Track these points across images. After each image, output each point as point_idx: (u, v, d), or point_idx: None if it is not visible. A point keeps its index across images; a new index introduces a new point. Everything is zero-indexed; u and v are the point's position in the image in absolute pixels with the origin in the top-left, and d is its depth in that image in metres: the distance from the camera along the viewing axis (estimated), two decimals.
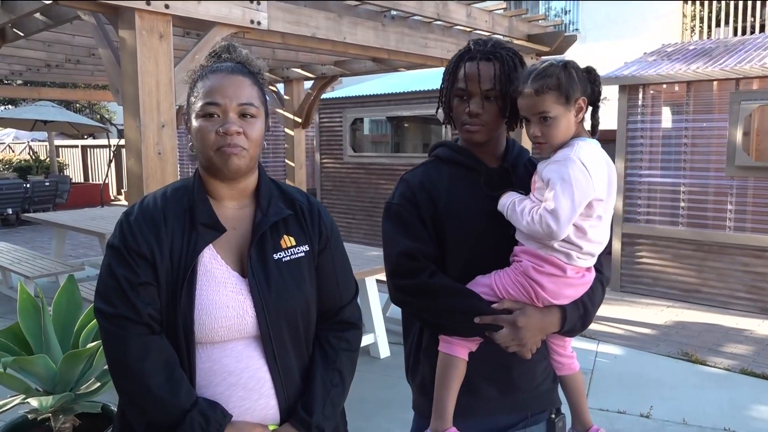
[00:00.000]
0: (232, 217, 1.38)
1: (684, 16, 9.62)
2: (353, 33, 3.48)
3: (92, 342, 2.46)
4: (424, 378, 1.62)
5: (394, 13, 4.07)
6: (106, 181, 15.26)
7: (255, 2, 2.96)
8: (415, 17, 4.13)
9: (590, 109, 1.50)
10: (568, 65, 1.44)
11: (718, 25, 9.29)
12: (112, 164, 15.76)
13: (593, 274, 1.53)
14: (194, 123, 1.33)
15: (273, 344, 1.33)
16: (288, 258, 1.38)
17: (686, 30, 9.62)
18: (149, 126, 2.63)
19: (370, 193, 8.73)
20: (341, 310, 1.48)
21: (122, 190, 16.15)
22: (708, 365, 4.36)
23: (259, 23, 2.99)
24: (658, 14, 10.38)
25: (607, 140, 5.94)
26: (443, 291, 1.50)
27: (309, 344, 1.43)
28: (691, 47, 7.23)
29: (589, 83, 1.45)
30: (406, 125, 8.68)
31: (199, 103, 1.31)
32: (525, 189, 1.53)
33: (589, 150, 1.44)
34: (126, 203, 14.67)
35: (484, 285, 1.50)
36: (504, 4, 4.43)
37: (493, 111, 1.52)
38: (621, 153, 6.35)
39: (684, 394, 3.87)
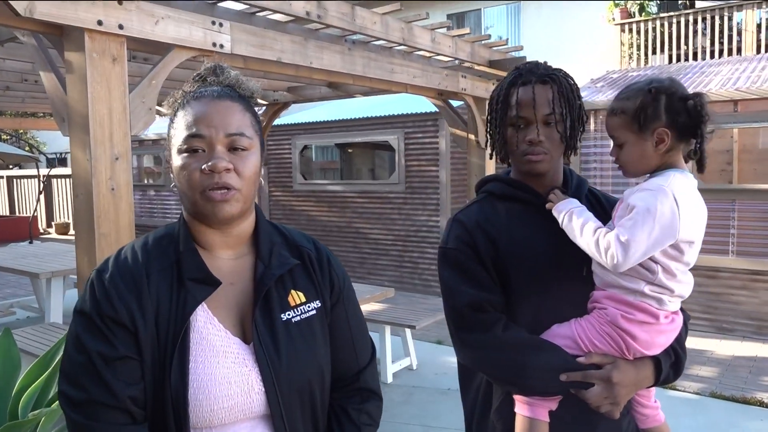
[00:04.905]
0: (228, 270, 1.14)
1: (622, 44, 9.97)
2: (320, 57, 3.29)
3: (34, 410, 2.12)
4: None
5: (355, 37, 3.92)
6: (35, 214, 14.34)
7: (217, 24, 2.73)
8: (378, 42, 3.99)
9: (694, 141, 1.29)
10: (658, 89, 1.26)
11: (654, 52, 9.67)
12: (42, 196, 14.84)
13: (681, 317, 1.37)
14: (175, 160, 1.09)
15: (285, 424, 1.09)
16: (298, 318, 1.15)
17: (624, 57, 9.96)
18: (101, 159, 2.34)
19: (322, 221, 8.49)
20: (359, 375, 1.24)
21: (53, 223, 15.21)
22: (678, 389, 4.34)
23: (221, 46, 2.76)
24: (595, 41, 10.73)
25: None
26: (521, 346, 1.32)
27: (324, 418, 1.19)
28: (632, 74, 7.46)
29: (686, 112, 1.25)
30: (354, 152, 8.51)
31: (181, 136, 1.08)
32: None
33: (685, 184, 1.26)
34: (58, 236, 13.83)
35: (564, 336, 1.32)
36: (467, 30, 4.37)
37: (554, 137, 1.37)
38: None
39: None
